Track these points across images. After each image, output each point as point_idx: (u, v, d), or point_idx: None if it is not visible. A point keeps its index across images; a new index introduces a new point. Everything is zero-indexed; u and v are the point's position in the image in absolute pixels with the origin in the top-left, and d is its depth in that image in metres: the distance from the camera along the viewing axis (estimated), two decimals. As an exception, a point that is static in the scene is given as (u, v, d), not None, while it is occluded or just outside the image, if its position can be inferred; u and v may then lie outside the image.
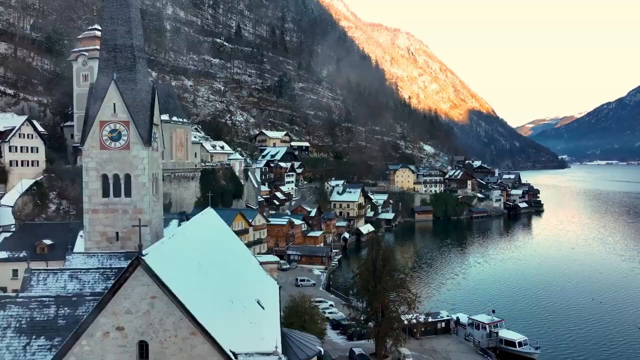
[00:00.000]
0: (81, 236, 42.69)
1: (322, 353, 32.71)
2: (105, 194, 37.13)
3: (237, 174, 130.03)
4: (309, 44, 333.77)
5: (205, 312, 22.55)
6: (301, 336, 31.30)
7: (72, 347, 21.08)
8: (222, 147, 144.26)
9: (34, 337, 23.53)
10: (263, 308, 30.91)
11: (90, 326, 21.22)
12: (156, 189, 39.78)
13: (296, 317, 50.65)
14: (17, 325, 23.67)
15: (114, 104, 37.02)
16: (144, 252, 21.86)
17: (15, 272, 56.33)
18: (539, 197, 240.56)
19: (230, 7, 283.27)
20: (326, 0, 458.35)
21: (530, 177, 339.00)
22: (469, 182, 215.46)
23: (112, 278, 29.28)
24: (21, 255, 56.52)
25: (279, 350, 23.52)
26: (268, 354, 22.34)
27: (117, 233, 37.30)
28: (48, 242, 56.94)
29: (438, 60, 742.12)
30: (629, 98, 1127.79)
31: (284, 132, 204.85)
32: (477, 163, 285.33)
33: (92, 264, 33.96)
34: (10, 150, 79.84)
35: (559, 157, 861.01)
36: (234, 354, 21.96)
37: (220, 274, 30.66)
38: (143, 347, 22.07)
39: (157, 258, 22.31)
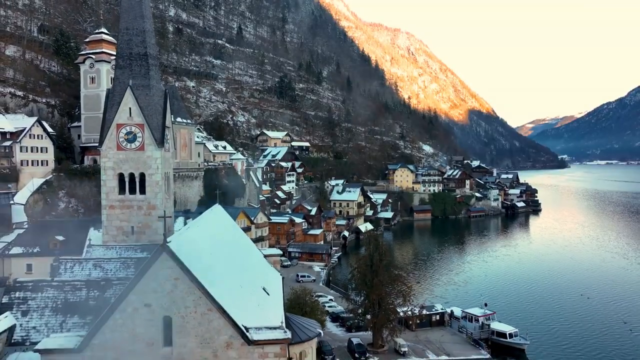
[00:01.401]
0: (99, 231, 45.78)
1: (322, 335, 35.75)
2: (122, 191, 40.21)
3: (239, 173, 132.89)
4: (309, 44, 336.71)
5: (219, 292, 25.76)
6: (303, 320, 34.39)
7: (107, 320, 24.27)
8: (224, 147, 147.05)
9: (68, 315, 26.69)
10: (268, 294, 34.02)
11: (122, 303, 24.41)
12: (168, 187, 42.84)
13: (297, 308, 53.34)
14: (54, 305, 26.85)
15: (130, 108, 40.14)
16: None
17: (29, 266, 58.76)
18: (536, 197, 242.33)
19: (232, 8, 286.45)
20: (326, 0, 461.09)
21: (529, 177, 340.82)
22: (467, 182, 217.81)
23: (132, 267, 32.46)
24: (35, 250, 59.12)
25: (284, 326, 26.72)
26: (275, 328, 25.59)
27: (132, 227, 40.36)
28: (60, 238, 59.05)
29: (438, 60, 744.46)
30: (629, 98, 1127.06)
31: (285, 132, 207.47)
32: (475, 163, 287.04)
33: (111, 255, 37.10)
34: (21, 150, 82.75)
35: (559, 157, 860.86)
36: (245, 327, 25.26)
37: (230, 263, 33.79)
38: (167, 321, 25.24)
39: (178, 246, 25.51)
